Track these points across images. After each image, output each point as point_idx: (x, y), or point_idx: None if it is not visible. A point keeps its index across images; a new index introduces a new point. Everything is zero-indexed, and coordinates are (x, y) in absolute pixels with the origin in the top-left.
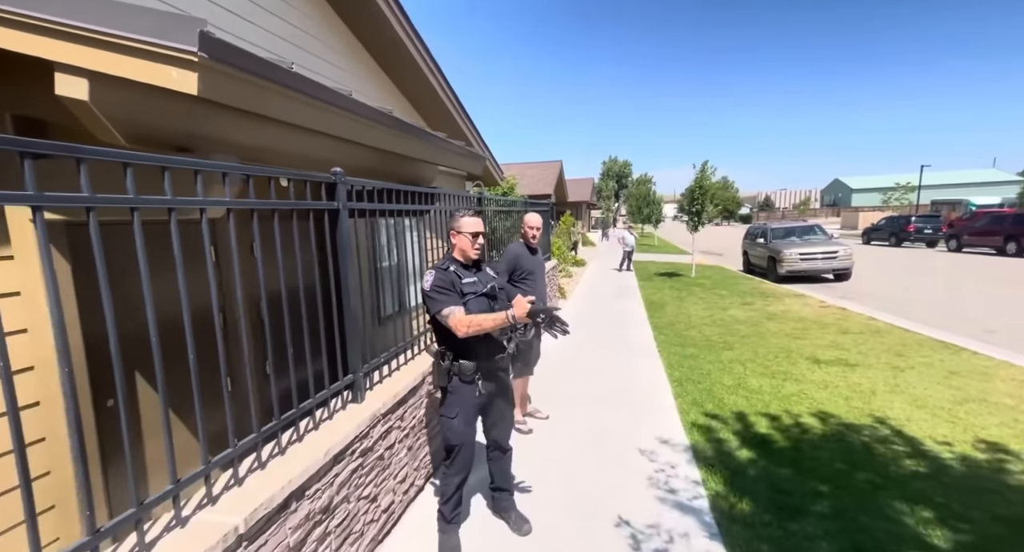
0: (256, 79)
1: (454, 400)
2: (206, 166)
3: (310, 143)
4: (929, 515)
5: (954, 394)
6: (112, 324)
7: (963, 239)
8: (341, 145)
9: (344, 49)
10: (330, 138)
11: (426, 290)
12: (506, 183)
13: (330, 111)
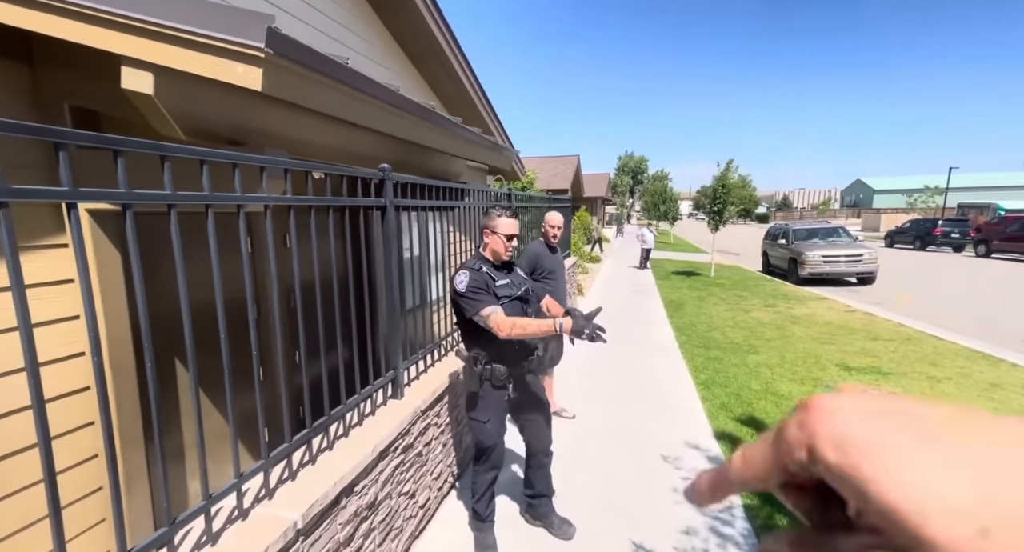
0: (315, 75)
1: (485, 404)
2: (272, 163)
3: (353, 138)
4: None
5: (997, 407)
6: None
7: (992, 244)
8: (381, 139)
9: (382, 45)
10: (372, 133)
11: (461, 291)
12: (526, 178)
13: (380, 107)
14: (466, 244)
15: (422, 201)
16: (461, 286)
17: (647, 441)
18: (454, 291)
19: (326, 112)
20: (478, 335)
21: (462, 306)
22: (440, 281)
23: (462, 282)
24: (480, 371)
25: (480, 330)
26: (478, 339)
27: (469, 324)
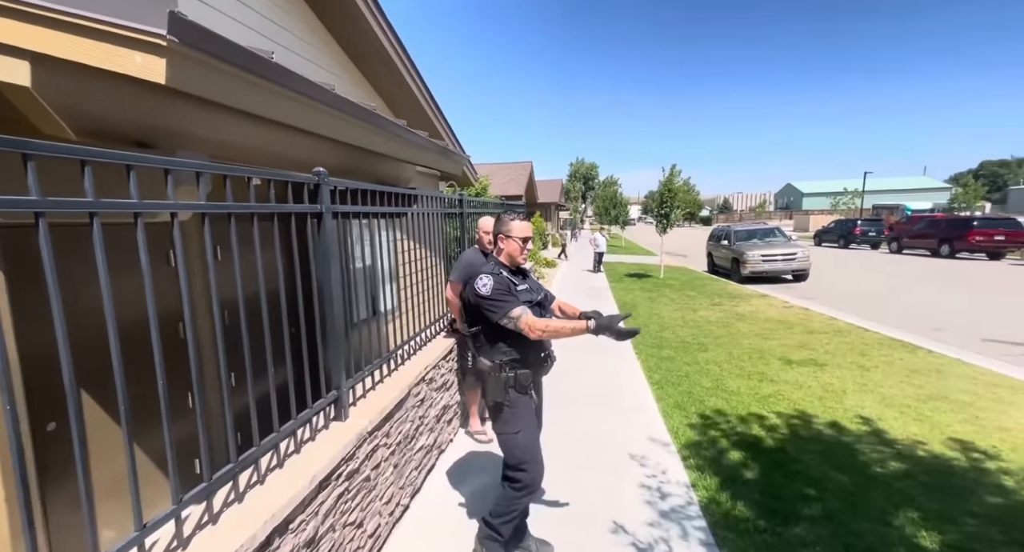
0: (233, 69)
1: (513, 414)
2: (179, 165)
3: (295, 143)
4: (914, 516)
5: (917, 392)
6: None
7: (903, 241)
8: (320, 143)
9: (318, 43)
10: (310, 135)
11: (485, 294)
12: (479, 183)
13: (314, 107)
14: (421, 252)
15: (365, 207)
16: (485, 290)
17: (603, 443)
18: (476, 295)
19: (252, 111)
20: (502, 339)
21: (488, 310)
22: (392, 291)
23: (486, 285)
24: (505, 378)
25: (504, 334)
26: (502, 344)
27: (493, 329)
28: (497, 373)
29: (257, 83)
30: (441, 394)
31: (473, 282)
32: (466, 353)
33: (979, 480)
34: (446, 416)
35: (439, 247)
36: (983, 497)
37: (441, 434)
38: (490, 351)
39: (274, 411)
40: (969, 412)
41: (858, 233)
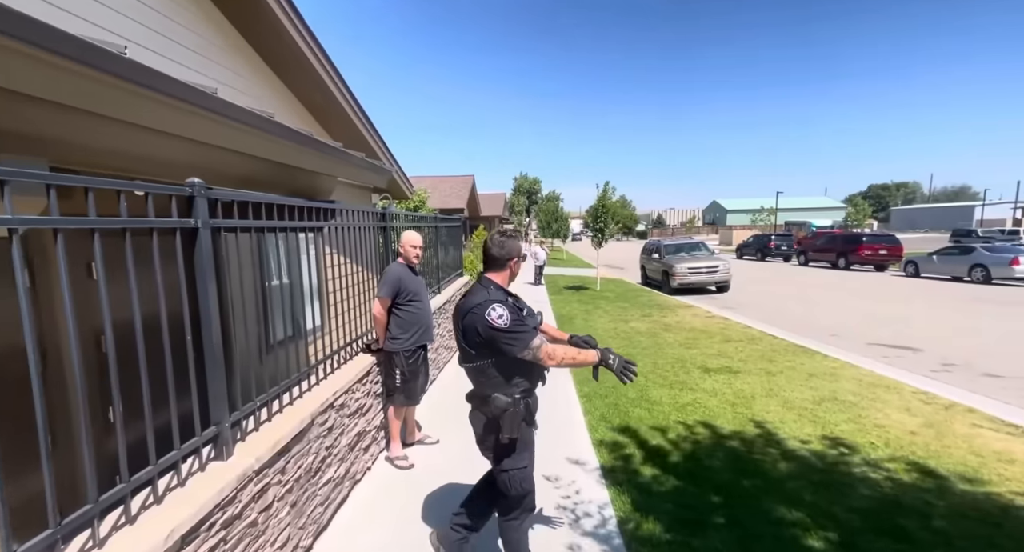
0: (67, 63)
1: (524, 447)
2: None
3: (172, 148)
4: (803, 515)
5: (813, 394)
6: None
7: (809, 255)
8: (215, 152)
9: (223, 44)
10: (197, 144)
11: (503, 327)
12: (416, 196)
13: (189, 112)
14: (342, 268)
15: (259, 222)
16: (502, 321)
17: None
18: (491, 329)
19: (115, 116)
20: (516, 372)
21: (507, 343)
22: (309, 310)
23: (502, 317)
24: (522, 413)
25: (519, 366)
26: (516, 376)
27: (510, 362)
28: (514, 408)
29: (106, 80)
30: (355, 420)
31: (483, 314)
32: (393, 371)
33: (858, 476)
34: (362, 443)
35: (365, 262)
36: (860, 491)
37: (356, 463)
38: (506, 385)
39: (122, 463)
40: (853, 411)
41: (772, 247)
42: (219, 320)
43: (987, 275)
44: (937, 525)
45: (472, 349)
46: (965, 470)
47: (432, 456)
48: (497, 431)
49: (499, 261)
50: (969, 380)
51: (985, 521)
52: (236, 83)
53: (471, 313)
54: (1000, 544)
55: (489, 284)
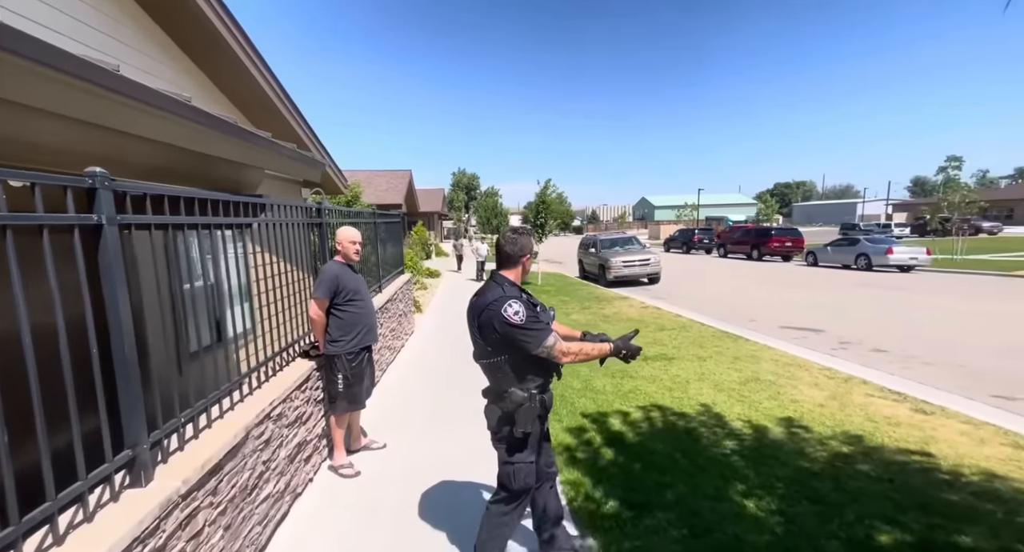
0: None
1: (533, 441)
2: None
3: (65, 133)
4: (739, 487)
5: (739, 376)
6: None
7: (728, 247)
8: (120, 139)
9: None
10: (95, 128)
11: (518, 323)
12: (350, 191)
13: (83, 89)
14: (274, 267)
15: (176, 218)
16: (518, 318)
17: (485, 459)
18: (507, 325)
19: None
20: (531, 369)
21: (523, 340)
22: (238, 313)
23: (518, 313)
24: (535, 408)
25: (534, 362)
26: (531, 374)
27: (525, 359)
28: (530, 403)
29: None
30: (295, 430)
31: (499, 310)
32: (335, 376)
33: (781, 447)
34: (303, 454)
35: (299, 261)
36: (783, 461)
37: (296, 476)
38: (520, 382)
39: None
40: (773, 389)
41: (696, 241)
42: (132, 329)
43: (869, 263)
44: (845, 485)
45: (489, 346)
46: (863, 434)
47: (379, 462)
48: (511, 424)
49: (512, 258)
50: (861, 356)
51: (881, 478)
52: (147, 66)
53: (487, 310)
54: (893, 497)
55: (503, 281)
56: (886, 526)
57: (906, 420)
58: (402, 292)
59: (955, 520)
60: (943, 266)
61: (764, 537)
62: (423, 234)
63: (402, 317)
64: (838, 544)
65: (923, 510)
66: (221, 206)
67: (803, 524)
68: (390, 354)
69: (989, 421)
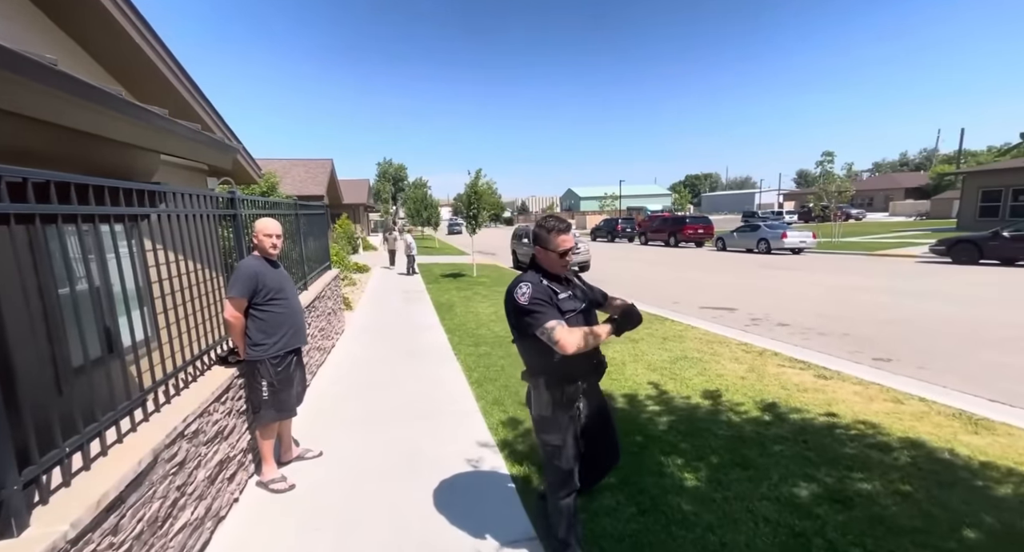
0: None
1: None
2: None
3: None
4: (679, 461)
5: (669, 355)
6: None
7: (648, 235)
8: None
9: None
10: None
11: (522, 304)
12: (265, 181)
13: None
14: (180, 265)
15: (43, 207)
16: (523, 298)
17: (426, 457)
18: (513, 303)
19: None
20: (542, 354)
21: (524, 321)
22: (124, 321)
23: (524, 294)
24: (549, 396)
25: (541, 350)
26: (542, 359)
27: (533, 343)
28: (536, 391)
29: None
30: (215, 447)
31: (511, 291)
32: (258, 383)
33: (713, 420)
34: (225, 472)
35: (209, 257)
36: (715, 432)
37: (219, 498)
38: (533, 365)
39: None
40: (701, 366)
41: (619, 230)
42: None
43: (768, 246)
44: (770, 449)
45: (511, 326)
46: (779, 401)
47: (315, 472)
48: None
49: (539, 243)
50: (769, 330)
51: (796, 440)
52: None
53: (508, 292)
54: (808, 456)
55: (531, 266)
56: (805, 482)
57: (812, 386)
58: (330, 289)
59: (857, 469)
60: (825, 248)
61: (705, 506)
62: (349, 227)
63: (331, 315)
64: (768, 504)
65: (832, 464)
66: (109, 193)
67: (738, 490)
68: (320, 355)
69: (875, 381)
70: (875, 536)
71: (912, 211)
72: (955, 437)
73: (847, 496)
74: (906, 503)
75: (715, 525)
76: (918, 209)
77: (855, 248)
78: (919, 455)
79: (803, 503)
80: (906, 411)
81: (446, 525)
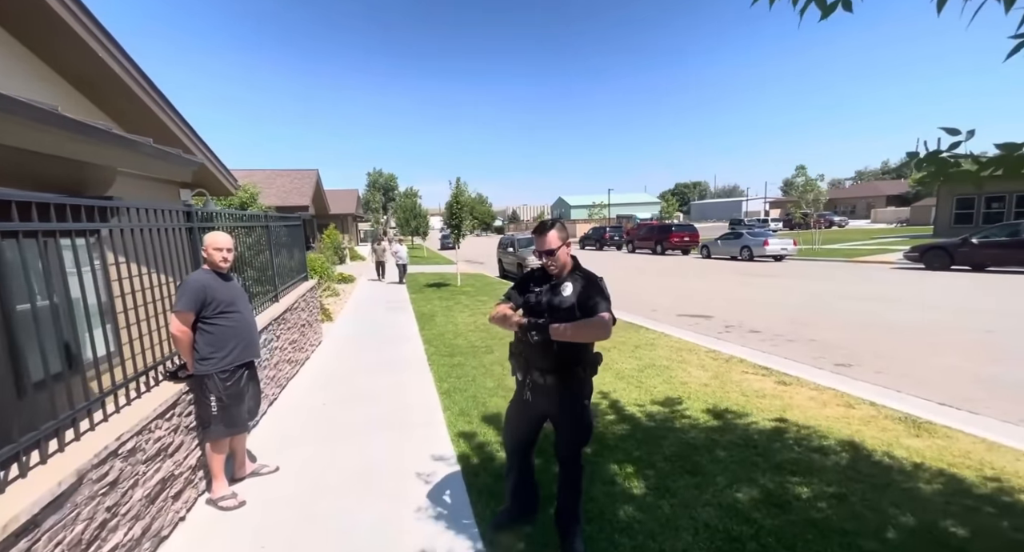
0: None
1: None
2: None
3: None
4: (631, 469)
5: (638, 363)
6: None
7: (636, 243)
8: None
9: None
10: None
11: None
12: (243, 192)
13: None
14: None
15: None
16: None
17: (384, 471)
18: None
19: None
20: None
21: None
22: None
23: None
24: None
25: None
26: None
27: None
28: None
29: None
30: (156, 464)
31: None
32: (206, 398)
33: (669, 427)
34: (169, 490)
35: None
36: (669, 439)
37: (160, 517)
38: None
39: None
40: (667, 374)
41: (608, 238)
42: None
43: (751, 254)
44: (719, 456)
45: None
46: (737, 408)
47: (269, 488)
48: None
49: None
50: (741, 337)
51: (748, 445)
52: None
53: None
54: (755, 461)
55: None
56: (748, 487)
57: (770, 392)
58: (305, 300)
59: (799, 474)
60: (806, 255)
61: (649, 513)
62: (336, 237)
63: (305, 327)
64: (711, 510)
65: (777, 470)
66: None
67: (684, 496)
68: (291, 368)
69: (831, 386)
70: (806, 539)
71: (893, 218)
72: (896, 440)
73: (786, 500)
74: (840, 506)
75: (656, 532)
76: (899, 216)
77: (835, 255)
78: (859, 458)
79: (743, 508)
80: (855, 415)
81: (395, 540)
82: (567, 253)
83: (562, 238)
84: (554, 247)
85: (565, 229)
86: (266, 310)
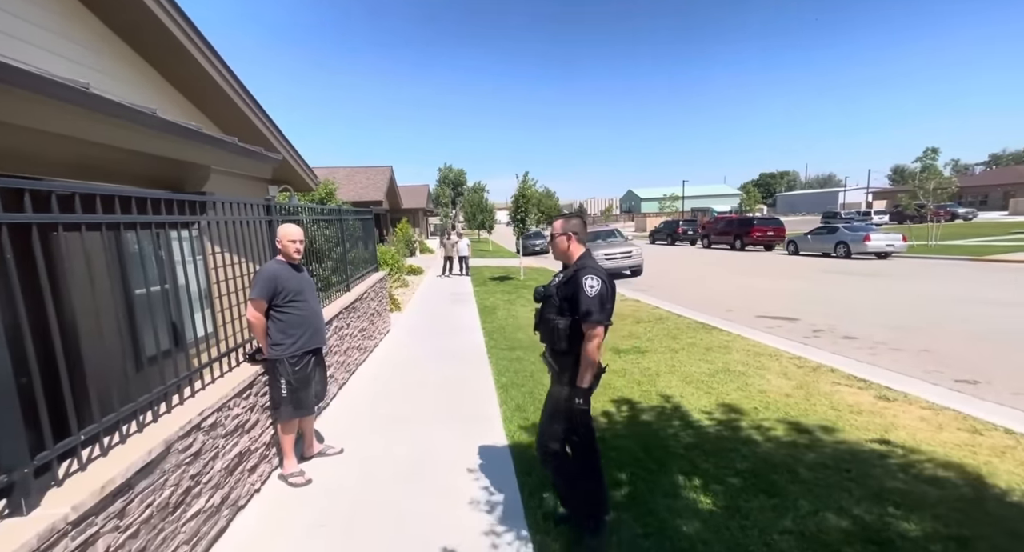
0: None
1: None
2: None
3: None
4: (697, 482)
5: (709, 367)
6: None
7: (712, 238)
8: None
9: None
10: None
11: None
12: (322, 188)
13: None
14: (232, 268)
15: (67, 216)
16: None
17: (441, 464)
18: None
19: None
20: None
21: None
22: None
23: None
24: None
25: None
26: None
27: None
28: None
29: None
30: (235, 439)
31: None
32: (277, 381)
33: (742, 439)
34: (246, 464)
35: (250, 260)
36: (743, 453)
37: (238, 487)
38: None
39: None
40: (742, 380)
41: (680, 232)
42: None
43: (848, 250)
44: (802, 476)
45: None
46: (825, 423)
47: (334, 468)
48: None
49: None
50: (832, 343)
51: (838, 467)
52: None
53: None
54: (848, 487)
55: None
56: (838, 518)
57: (868, 408)
58: (375, 290)
59: (906, 508)
60: (918, 252)
61: (716, 533)
62: (407, 231)
63: (375, 316)
64: (790, 538)
65: (875, 500)
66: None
67: (757, 519)
68: (360, 355)
69: (950, 406)
70: None
71: None
72: None
73: (887, 537)
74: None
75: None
76: None
77: (957, 252)
78: (988, 496)
79: (831, 540)
80: (984, 444)
81: (445, 532)
82: (566, 242)
83: (563, 228)
84: (554, 233)
85: (571, 222)
86: (338, 299)
